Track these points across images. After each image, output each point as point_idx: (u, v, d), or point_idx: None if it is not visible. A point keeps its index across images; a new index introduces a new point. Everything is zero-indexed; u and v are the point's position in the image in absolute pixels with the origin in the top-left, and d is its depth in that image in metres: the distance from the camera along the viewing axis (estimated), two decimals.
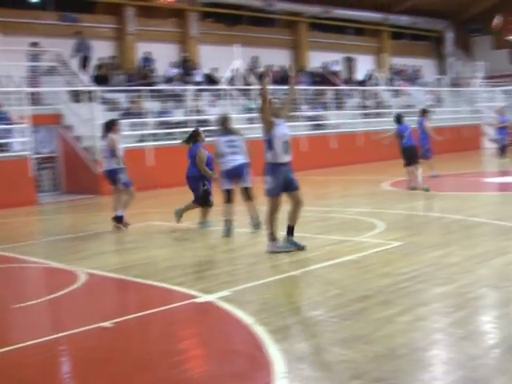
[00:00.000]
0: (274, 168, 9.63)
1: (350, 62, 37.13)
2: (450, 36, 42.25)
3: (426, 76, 40.25)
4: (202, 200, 12.60)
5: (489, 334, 5.98)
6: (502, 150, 23.54)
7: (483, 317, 6.59)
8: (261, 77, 10.97)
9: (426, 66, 41.74)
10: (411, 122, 30.17)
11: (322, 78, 32.98)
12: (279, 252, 9.65)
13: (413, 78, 39.04)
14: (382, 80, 35.52)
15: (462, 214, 12.94)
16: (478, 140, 34.88)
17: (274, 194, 9.69)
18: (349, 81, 34.56)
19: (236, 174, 11.77)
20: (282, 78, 30.77)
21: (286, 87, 28.94)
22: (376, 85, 34.55)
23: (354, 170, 25.13)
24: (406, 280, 7.81)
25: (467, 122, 34.42)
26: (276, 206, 9.74)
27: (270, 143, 9.66)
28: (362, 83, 34.77)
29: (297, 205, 9.84)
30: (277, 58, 32.74)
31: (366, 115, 31.01)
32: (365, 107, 31.62)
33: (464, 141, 32.15)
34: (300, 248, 9.77)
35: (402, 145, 17.62)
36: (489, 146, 34.39)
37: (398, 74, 38.16)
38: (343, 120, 29.41)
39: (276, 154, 9.62)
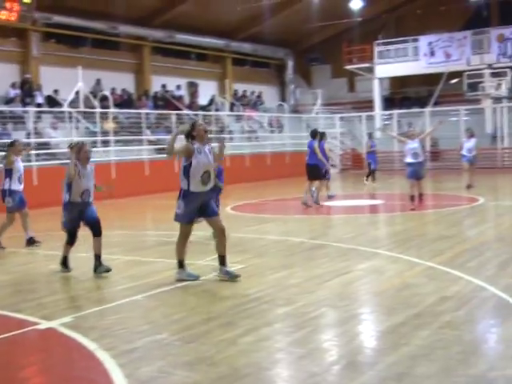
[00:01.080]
0: (186, 194, 9.12)
1: (193, 87, 37.39)
2: (290, 64, 43.45)
3: (267, 102, 41.14)
4: None
5: (328, 352, 6.17)
6: (370, 174, 24.45)
7: (323, 335, 6.80)
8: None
9: (268, 93, 42.66)
10: (254, 146, 31.06)
11: (165, 102, 33.05)
12: (186, 280, 9.19)
13: (254, 103, 39.82)
14: (225, 105, 36.02)
15: (303, 236, 13.31)
16: None
17: (182, 220, 9.25)
18: (192, 105, 34.78)
19: None
20: (124, 102, 30.64)
21: (129, 110, 28.95)
22: (218, 110, 34.96)
23: None
24: (248, 301, 7.94)
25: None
26: (185, 234, 9.34)
27: (185, 171, 9.13)
28: (204, 108, 35.08)
29: (219, 232, 9.38)
30: (120, 81, 32.48)
31: (209, 140, 31.21)
32: (207, 132, 31.82)
33: (305, 165, 32.99)
34: (233, 277, 9.17)
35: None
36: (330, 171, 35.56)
37: (240, 99, 38.79)
38: None
39: (191, 183, 9.09)
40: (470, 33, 36.40)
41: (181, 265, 9.37)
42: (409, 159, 16.82)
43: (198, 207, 9.22)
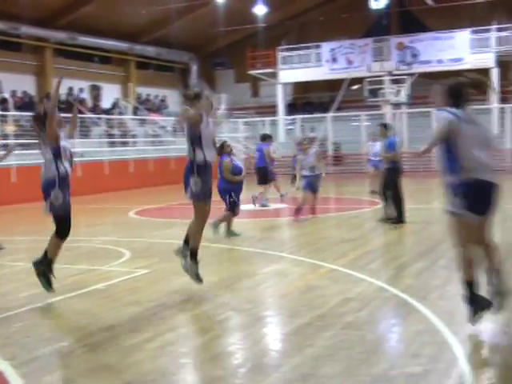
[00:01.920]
0: (203, 166, 8.31)
1: (96, 90, 36.94)
2: (194, 68, 43.42)
3: (171, 106, 40.99)
4: (229, 210, 13.24)
5: (234, 355, 6.20)
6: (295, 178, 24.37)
7: (228, 339, 6.82)
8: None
9: (172, 97, 42.53)
10: (158, 150, 30.88)
11: (68, 105, 32.49)
12: (189, 276, 8.61)
13: (158, 107, 39.62)
14: (128, 109, 35.71)
15: (209, 240, 13.27)
16: (215, 169, 36.01)
17: (199, 199, 8.42)
18: (95, 109, 34.34)
19: None
20: (25, 104, 29.99)
21: (30, 113, 28.33)
22: (122, 114, 34.63)
23: (101, 199, 24.95)
24: (153, 307, 7.90)
25: None
26: (205, 214, 8.60)
27: (197, 141, 8.26)
28: (107, 112, 34.70)
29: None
30: (21, 83, 31.83)
31: (112, 144, 30.96)
32: (110, 136, 31.54)
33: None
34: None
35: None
36: None
37: (143, 103, 38.52)
38: (89, 148, 29.13)
39: (206, 152, 8.29)
40: (371, 40, 37.26)
41: (195, 256, 8.66)
42: (305, 172, 16.03)
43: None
